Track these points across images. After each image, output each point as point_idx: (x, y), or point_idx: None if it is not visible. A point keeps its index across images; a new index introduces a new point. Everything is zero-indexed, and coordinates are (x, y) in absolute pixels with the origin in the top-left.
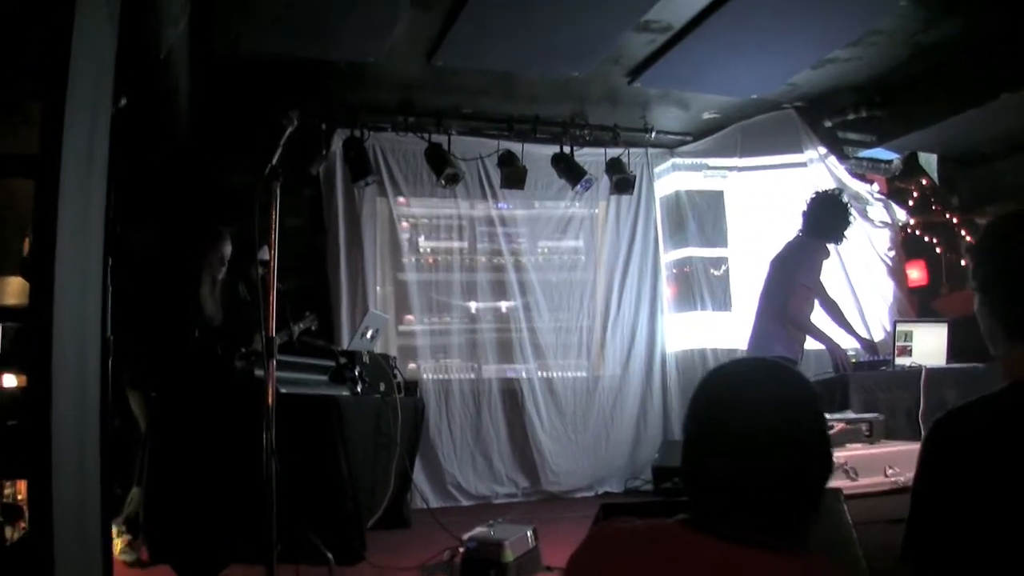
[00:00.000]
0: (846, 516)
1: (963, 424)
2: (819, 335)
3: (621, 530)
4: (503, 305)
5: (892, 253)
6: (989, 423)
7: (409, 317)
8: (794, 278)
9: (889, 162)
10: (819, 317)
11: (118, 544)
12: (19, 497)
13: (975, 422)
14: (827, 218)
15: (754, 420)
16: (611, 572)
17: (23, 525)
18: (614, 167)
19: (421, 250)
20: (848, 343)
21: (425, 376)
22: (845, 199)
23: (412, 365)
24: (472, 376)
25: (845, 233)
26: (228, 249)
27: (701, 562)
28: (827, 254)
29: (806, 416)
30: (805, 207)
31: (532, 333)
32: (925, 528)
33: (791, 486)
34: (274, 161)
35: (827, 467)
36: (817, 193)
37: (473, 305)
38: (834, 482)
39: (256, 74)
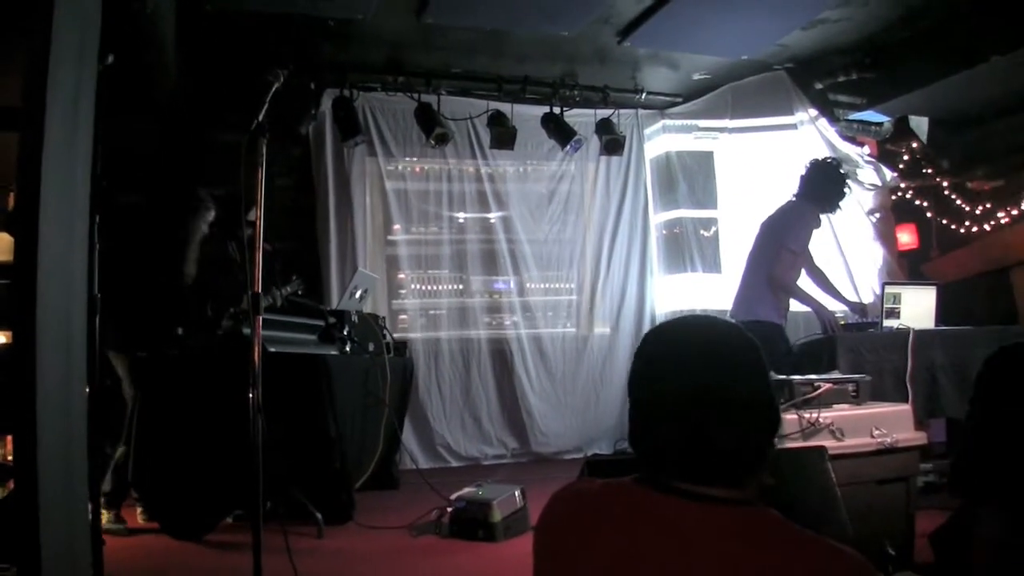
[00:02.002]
0: (831, 475)
1: (1018, 358)
2: (806, 298)
3: (581, 491)
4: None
5: (881, 215)
6: None
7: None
8: (782, 242)
9: (880, 124)
10: (806, 282)
11: (104, 516)
12: (9, 458)
13: None
14: (824, 186)
15: (686, 377)
16: (572, 532)
17: (11, 484)
18: (604, 128)
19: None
20: (837, 307)
21: (415, 334)
22: (844, 169)
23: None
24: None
25: (840, 204)
26: (211, 215)
27: (651, 518)
28: (818, 223)
29: (743, 372)
30: (803, 171)
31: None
32: (977, 460)
33: (729, 442)
34: (260, 117)
35: (769, 421)
36: (816, 160)
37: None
38: (820, 441)
39: (244, 32)
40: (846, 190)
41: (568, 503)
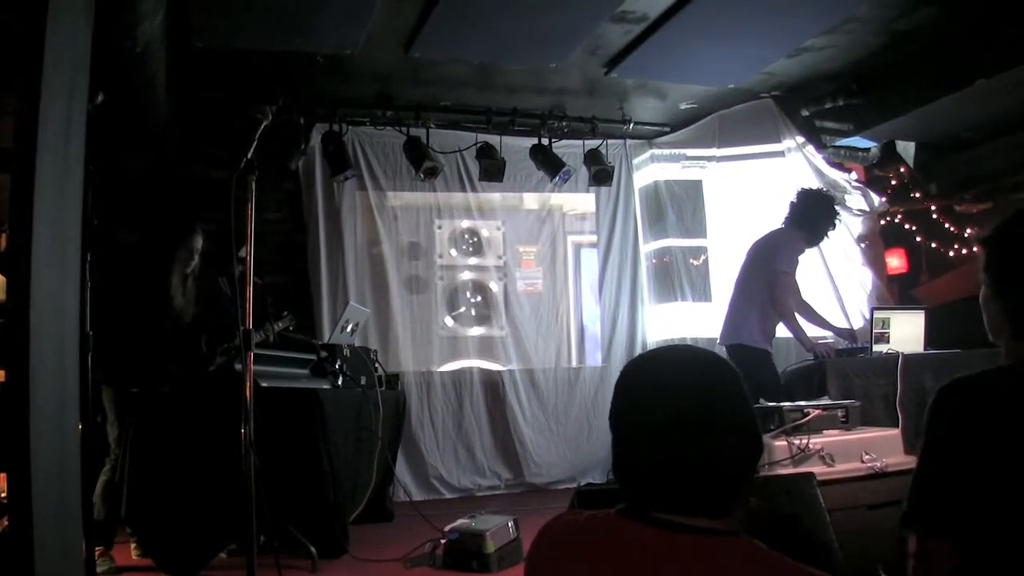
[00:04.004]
0: (819, 500)
1: (968, 392)
2: (798, 329)
3: (567, 523)
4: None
5: (869, 240)
6: (991, 393)
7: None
8: (775, 266)
9: (867, 150)
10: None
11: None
12: (1, 495)
13: (978, 392)
14: (814, 216)
15: (667, 405)
16: (559, 565)
17: (5, 523)
18: (593, 159)
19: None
20: (825, 335)
21: (407, 369)
22: (836, 201)
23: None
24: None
25: (828, 234)
26: (198, 243)
27: (633, 549)
28: (803, 250)
29: (723, 399)
30: (794, 199)
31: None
32: (929, 494)
33: (711, 470)
34: (249, 155)
35: (750, 449)
36: (808, 189)
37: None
38: (810, 468)
39: (234, 68)
40: (836, 221)
41: (555, 535)
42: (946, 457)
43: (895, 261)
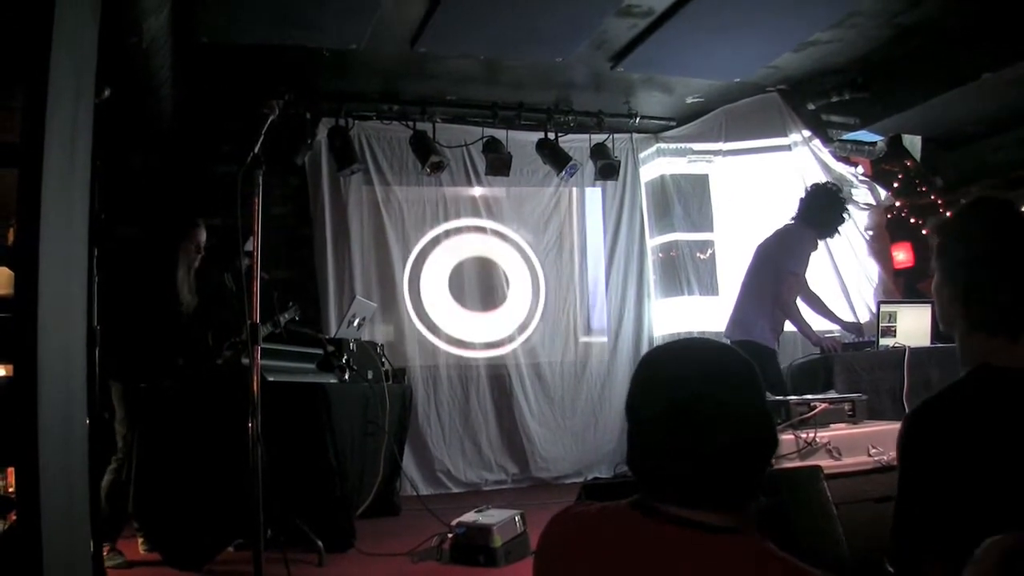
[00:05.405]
0: (826, 494)
1: (934, 414)
2: (804, 326)
3: (578, 514)
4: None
5: (875, 234)
6: (958, 411)
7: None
8: (784, 266)
9: (873, 144)
10: (801, 306)
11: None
12: (9, 490)
13: (945, 411)
14: (824, 211)
15: (680, 396)
16: (568, 556)
17: (13, 517)
18: (599, 153)
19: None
20: (832, 327)
21: (413, 363)
22: (844, 195)
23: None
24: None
25: (839, 229)
26: (202, 236)
27: (643, 544)
28: (815, 246)
29: (736, 393)
30: (803, 195)
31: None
32: (913, 534)
33: (721, 463)
34: (256, 150)
35: (762, 443)
36: (817, 184)
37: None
38: (817, 461)
39: (239, 63)
40: (845, 216)
41: (565, 526)
42: (925, 489)
43: (901, 255)
